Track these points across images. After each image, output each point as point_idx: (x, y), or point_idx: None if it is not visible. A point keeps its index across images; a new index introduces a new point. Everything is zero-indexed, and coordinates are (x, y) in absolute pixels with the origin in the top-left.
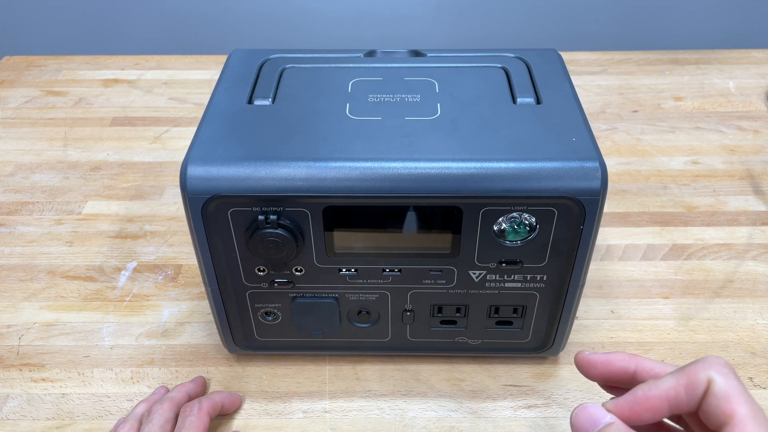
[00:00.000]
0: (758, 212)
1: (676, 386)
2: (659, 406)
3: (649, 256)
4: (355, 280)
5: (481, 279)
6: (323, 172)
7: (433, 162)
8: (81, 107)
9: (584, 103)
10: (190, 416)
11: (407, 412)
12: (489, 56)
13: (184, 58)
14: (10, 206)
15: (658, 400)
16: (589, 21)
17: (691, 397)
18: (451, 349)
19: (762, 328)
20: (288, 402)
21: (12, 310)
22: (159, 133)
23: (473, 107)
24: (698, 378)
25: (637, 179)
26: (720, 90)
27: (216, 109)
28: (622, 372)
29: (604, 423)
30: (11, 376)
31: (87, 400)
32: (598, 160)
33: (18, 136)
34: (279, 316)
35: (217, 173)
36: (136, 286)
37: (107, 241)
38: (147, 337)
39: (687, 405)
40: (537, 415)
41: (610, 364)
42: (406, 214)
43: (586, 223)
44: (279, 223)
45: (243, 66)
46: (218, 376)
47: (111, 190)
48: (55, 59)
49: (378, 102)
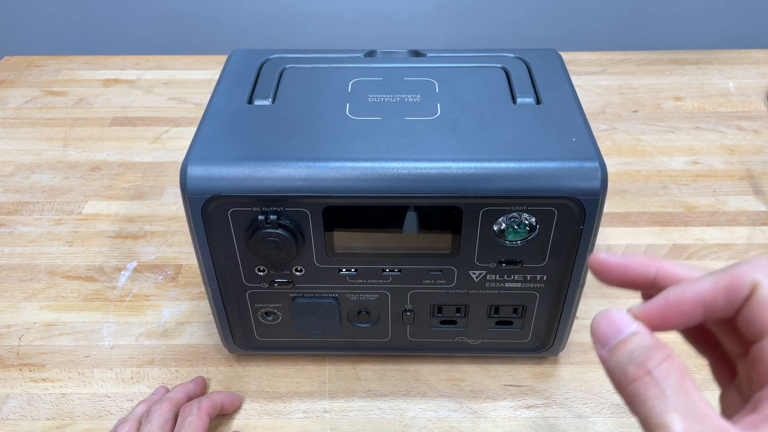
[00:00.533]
0: (758, 212)
1: (714, 288)
2: (693, 310)
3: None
4: (355, 280)
5: (481, 279)
6: (323, 172)
7: (433, 162)
8: (81, 107)
9: (584, 103)
10: (189, 416)
11: (407, 412)
12: (489, 56)
13: (184, 58)
14: (10, 206)
15: (692, 304)
16: (589, 21)
17: (732, 302)
18: (451, 349)
19: None
20: (288, 402)
21: (12, 310)
22: (159, 133)
23: (473, 107)
24: (743, 281)
25: (637, 179)
26: (720, 90)
27: (216, 109)
28: (642, 278)
29: (628, 332)
30: (11, 376)
31: (87, 400)
32: (598, 160)
33: (18, 136)
34: (279, 316)
35: (217, 173)
36: (136, 286)
37: (107, 241)
38: (147, 337)
39: (724, 310)
40: (537, 415)
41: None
42: (406, 214)
43: (586, 223)
44: (279, 223)
45: (243, 66)
46: (218, 376)
47: (111, 190)
48: (55, 59)
49: (378, 102)
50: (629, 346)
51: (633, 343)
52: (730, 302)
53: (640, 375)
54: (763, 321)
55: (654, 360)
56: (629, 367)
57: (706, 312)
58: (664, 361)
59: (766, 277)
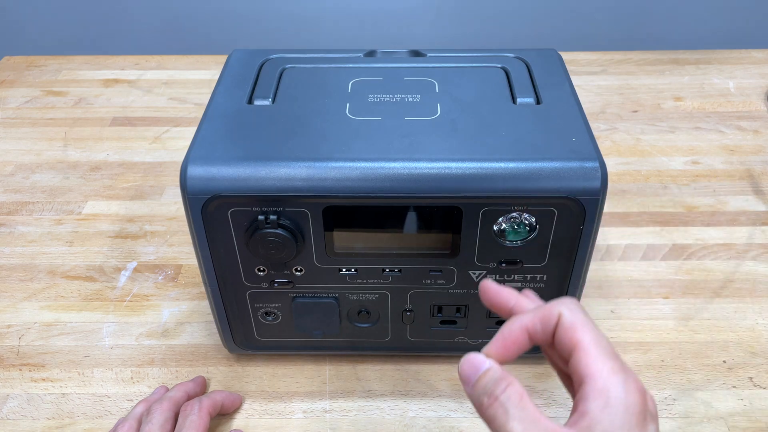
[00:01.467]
0: (758, 212)
1: (533, 319)
2: (522, 339)
3: (649, 256)
4: (355, 280)
5: (481, 279)
6: (323, 172)
7: (433, 162)
8: (81, 107)
9: (584, 103)
10: (190, 415)
11: (407, 412)
12: (489, 56)
13: (184, 58)
14: (10, 206)
15: (519, 333)
16: (589, 21)
17: (546, 329)
18: (451, 349)
19: (762, 328)
20: (288, 402)
21: (12, 310)
22: (159, 133)
23: (473, 107)
24: (551, 312)
25: (637, 179)
26: (720, 90)
27: (216, 109)
28: (504, 304)
29: (483, 369)
30: (11, 376)
31: (87, 400)
32: (598, 160)
33: (18, 136)
34: (279, 316)
35: (217, 173)
36: (136, 286)
37: (107, 241)
38: (147, 337)
39: (542, 336)
40: None
41: (498, 294)
42: (406, 214)
43: (586, 223)
44: (279, 223)
45: (243, 66)
46: (218, 376)
47: (111, 190)
48: (55, 59)
49: (378, 102)
50: (482, 381)
51: (485, 378)
52: (545, 329)
53: (491, 402)
54: (567, 341)
55: (500, 388)
56: (483, 398)
57: (531, 339)
58: (507, 387)
59: (568, 310)
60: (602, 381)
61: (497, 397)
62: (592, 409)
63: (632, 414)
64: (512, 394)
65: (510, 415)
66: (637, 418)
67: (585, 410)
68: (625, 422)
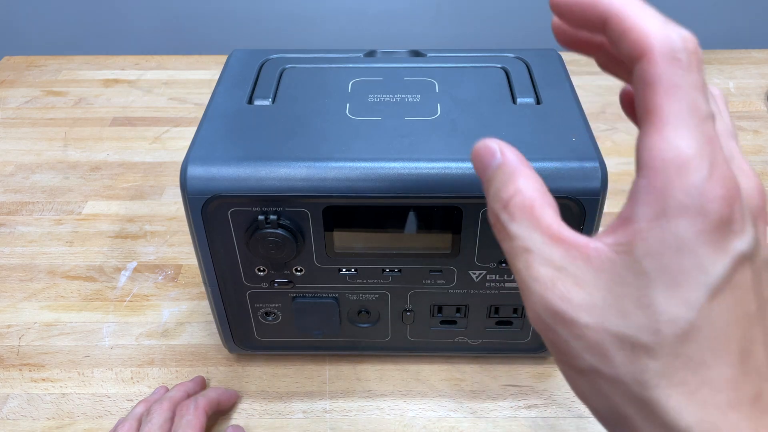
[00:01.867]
0: None
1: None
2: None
3: None
4: (355, 280)
5: (481, 279)
6: (323, 172)
7: (433, 162)
8: (81, 107)
9: (584, 103)
10: (186, 415)
11: (407, 412)
12: (489, 56)
13: (184, 58)
14: (10, 206)
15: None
16: None
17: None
18: (451, 349)
19: None
20: (288, 402)
21: (12, 310)
22: (159, 133)
23: (473, 107)
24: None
25: None
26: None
27: (216, 109)
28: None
29: (495, 163)
30: (11, 376)
31: (87, 400)
32: (598, 160)
33: (18, 136)
34: (279, 316)
35: (217, 173)
36: (136, 286)
37: (107, 241)
38: (147, 337)
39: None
40: (537, 415)
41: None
42: (406, 214)
43: (586, 223)
44: (279, 223)
45: (243, 66)
46: (218, 376)
47: (111, 190)
48: (55, 59)
49: (378, 102)
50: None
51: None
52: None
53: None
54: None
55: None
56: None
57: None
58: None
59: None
60: (666, 168)
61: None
62: (639, 217)
63: (701, 231)
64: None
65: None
66: (710, 235)
67: (629, 215)
68: (688, 241)
